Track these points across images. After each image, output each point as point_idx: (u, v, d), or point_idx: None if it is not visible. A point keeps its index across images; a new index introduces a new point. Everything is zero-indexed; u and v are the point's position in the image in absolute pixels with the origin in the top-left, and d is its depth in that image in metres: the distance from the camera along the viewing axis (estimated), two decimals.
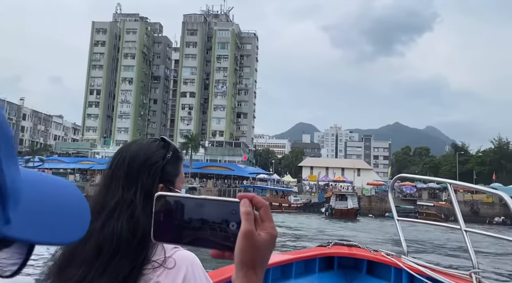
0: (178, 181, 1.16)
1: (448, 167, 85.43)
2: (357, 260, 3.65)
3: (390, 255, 3.46)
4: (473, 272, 2.79)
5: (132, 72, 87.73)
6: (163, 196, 0.64)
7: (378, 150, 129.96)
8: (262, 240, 0.61)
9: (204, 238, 0.62)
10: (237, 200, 0.62)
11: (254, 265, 0.61)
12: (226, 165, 75.29)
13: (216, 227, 0.62)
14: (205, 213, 0.62)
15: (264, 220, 0.63)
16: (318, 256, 3.57)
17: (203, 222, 0.62)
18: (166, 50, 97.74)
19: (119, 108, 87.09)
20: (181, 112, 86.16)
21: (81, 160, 75.77)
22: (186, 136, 70.01)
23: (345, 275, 3.70)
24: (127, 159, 1.10)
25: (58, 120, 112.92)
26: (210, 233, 0.62)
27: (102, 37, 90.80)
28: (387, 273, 3.44)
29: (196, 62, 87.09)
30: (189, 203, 0.63)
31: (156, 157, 1.12)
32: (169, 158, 1.13)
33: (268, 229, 0.62)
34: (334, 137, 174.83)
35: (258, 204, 0.63)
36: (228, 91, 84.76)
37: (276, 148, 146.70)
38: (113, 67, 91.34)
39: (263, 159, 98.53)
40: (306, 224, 33.55)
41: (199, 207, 0.62)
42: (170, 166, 1.13)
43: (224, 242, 0.61)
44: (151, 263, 0.96)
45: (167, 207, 0.63)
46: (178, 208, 0.63)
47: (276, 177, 68.31)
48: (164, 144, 1.17)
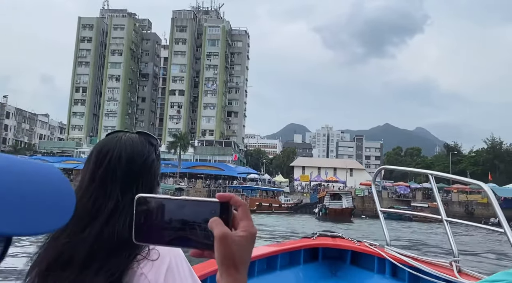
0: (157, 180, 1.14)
1: (441, 168, 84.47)
2: (341, 251, 3.68)
3: (373, 246, 3.51)
4: (453, 261, 2.83)
5: (120, 69, 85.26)
6: (144, 198, 0.65)
7: (370, 150, 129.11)
8: (239, 239, 0.62)
9: (184, 238, 0.63)
10: (216, 200, 0.63)
11: (235, 264, 0.62)
12: (216, 165, 73.45)
13: (196, 227, 0.63)
14: (185, 213, 0.63)
15: (242, 219, 0.64)
16: (303, 248, 3.58)
17: (183, 222, 0.63)
18: (155, 47, 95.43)
19: (106, 106, 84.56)
20: (170, 111, 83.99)
21: (66, 160, 73.32)
22: (174, 135, 67.97)
23: (329, 266, 3.73)
24: (124, 158, 1.05)
25: (44, 119, 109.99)
26: (190, 232, 0.63)
27: (89, 33, 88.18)
28: (371, 263, 3.48)
29: (186, 59, 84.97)
30: (170, 204, 0.64)
31: (152, 155, 1.10)
32: (156, 157, 1.11)
33: (246, 228, 0.63)
34: (326, 137, 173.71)
35: (236, 204, 0.64)
36: (218, 89, 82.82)
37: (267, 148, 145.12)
38: (100, 64, 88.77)
39: (254, 159, 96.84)
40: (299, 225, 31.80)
41: (180, 208, 0.63)
42: (155, 165, 1.11)
43: (204, 241, 0.62)
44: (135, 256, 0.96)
45: (148, 209, 0.64)
46: (158, 209, 0.64)
47: (267, 177, 66.69)
48: (150, 139, 1.13)
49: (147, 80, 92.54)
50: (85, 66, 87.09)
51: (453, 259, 2.89)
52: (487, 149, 77.63)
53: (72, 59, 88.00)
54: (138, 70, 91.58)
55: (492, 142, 77.07)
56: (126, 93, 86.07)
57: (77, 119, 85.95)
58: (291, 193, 63.15)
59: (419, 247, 19.59)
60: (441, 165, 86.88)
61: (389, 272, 3.37)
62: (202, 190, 63.24)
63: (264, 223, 30.82)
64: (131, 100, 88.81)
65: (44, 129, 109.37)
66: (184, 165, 69.07)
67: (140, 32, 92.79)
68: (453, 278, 2.75)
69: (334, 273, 3.72)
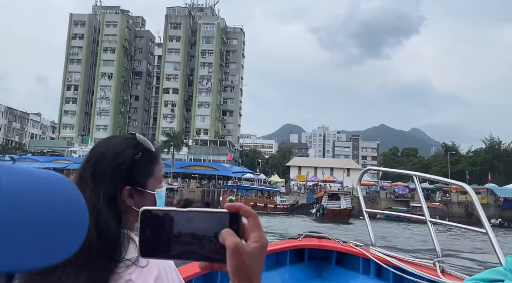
0: (151, 182, 1.10)
1: (439, 168, 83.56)
2: (327, 252, 3.68)
3: (358, 246, 3.52)
4: (437, 261, 2.86)
5: (112, 67, 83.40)
6: (148, 211, 0.62)
7: (367, 150, 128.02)
8: (251, 251, 0.60)
9: (193, 251, 0.60)
10: (225, 210, 0.61)
11: (248, 275, 0.61)
12: (211, 164, 71.93)
13: (205, 239, 0.60)
14: (193, 226, 0.61)
15: (253, 230, 0.62)
16: (289, 249, 3.57)
17: (191, 235, 0.61)
18: (149, 45, 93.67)
19: (98, 104, 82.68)
20: (164, 109, 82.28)
21: (56, 159, 71.55)
22: (168, 134, 66.31)
23: (315, 266, 3.73)
24: (93, 158, 1.06)
25: (35, 118, 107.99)
26: (198, 245, 0.60)
27: (81, 30, 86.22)
28: (356, 263, 3.48)
29: (180, 57, 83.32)
30: (176, 216, 0.61)
31: (122, 157, 1.06)
32: (138, 158, 1.08)
33: (257, 239, 0.61)
34: (322, 138, 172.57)
35: (246, 214, 0.62)
36: (213, 88, 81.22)
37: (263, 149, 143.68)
38: (92, 61, 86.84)
39: (250, 159, 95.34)
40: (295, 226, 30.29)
41: (187, 220, 0.61)
42: (140, 167, 1.07)
43: (213, 255, 0.60)
44: (124, 261, 0.94)
45: (153, 222, 0.61)
46: (164, 223, 0.61)
47: (263, 177, 65.20)
48: (135, 142, 1.10)
49: (140, 78, 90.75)
50: (76, 63, 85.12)
51: (437, 259, 2.88)
52: (485, 149, 76.56)
53: (64, 56, 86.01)
54: (131, 68, 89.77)
55: (491, 142, 76.02)
56: (119, 92, 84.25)
57: (68, 117, 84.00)
58: (287, 193, 61.75)
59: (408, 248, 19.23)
60: (439, 165, 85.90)
61: (374, 273, 3.37)
62: (196, 190, 61.69)
63: None
64: (124, 99, 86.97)
65: (36, 128, 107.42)
66: (178, 165, 67.49)
67: (133, 30, 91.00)
68: (436, 278, 2.76)
69: (320, 274, 3.73)
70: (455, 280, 2.69)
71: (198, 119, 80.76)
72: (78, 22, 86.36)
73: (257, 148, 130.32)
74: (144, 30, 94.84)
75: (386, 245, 19.16)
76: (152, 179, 1.09)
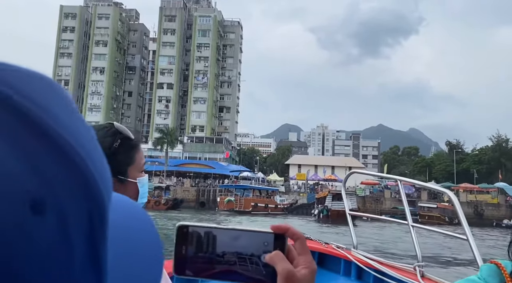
0: (132, 170, 1.09)
1: (443, 166, 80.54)
2: None
3: (340, 248, 3.56)
4: (417, 265, 2.89)
5: (104, 61, 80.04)
6: (186, 226, 0.57)
7: (367, 149, 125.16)
8: (304, 277, 0.55)
9: (232, 272, 0.55)
10: (271, 231, 0.57)
11: None
12: (206, 162, 68.86)
13: (246, 259, 0.55)
14: (234, 244, 0.55)
15: (301, 254, 0.57)
16: None
17: (231, 255, 0.55)
18: (143, 39, 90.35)
19: (89, 100, 79.33)
20: (158, 105, 79.03)
21: None
22: (161, 130, 63.14)
23: None
24: None
25: None
26: (239, 266, 0.55)
27: (71, 23, 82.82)
28: (337, 265, 3.53)
29: (175, 51, 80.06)
30: (216, 233, 0.56)
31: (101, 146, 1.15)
32: (117, 146, 1.07)
33: (308, 264, 0.56)
34: (321, 137, 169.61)
35: (293, 236, 0.57)
36: (209, 83, 77.99)
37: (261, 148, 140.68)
38: (83, 56, 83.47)
39: (248, 158, 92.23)
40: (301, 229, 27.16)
41: (227, 238, 0.56)
42: (119, 155, 1.07)
43: (255, 276, 0.55)
44: None
45: (190, 238, 0.56)
46: (202, 239, 0.56)
47: (261, 176, 62.06)
48: (114, 130, 1.10)
49: (134, 74, 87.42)
50: (67, 57, 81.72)
51: (417, 263, 2.88)
52: (492, 146, 73.52)
53: (54, 50, 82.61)
54: (124, 63, 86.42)
55: (498, 140, 72.96)
56: (111, 87, 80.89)
57: None
58: (286, 192, 58.85)
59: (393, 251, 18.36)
60: (443, 164, 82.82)
61: (354, 275, 3.39)
62: (191, 190, 58.56)
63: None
64: (117, 94, 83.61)
65: None
66: (172, 163, 64.39)
67: (126, 23, 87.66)
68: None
69: None
70: None
71: (193, 116, 77.54)
72: (69, 15, 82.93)
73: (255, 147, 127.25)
74: (138, 23, 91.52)
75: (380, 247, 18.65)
76: (132, 167, 1.08)
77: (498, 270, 0.93)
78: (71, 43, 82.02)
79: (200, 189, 58.85)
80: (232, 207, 44.48)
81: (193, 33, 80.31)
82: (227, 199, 45.96)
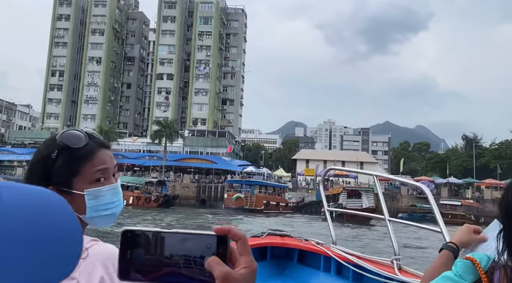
0: (77, 181, 1.04)
1: (459, 162, 75.52)
2: (289, 250, 3.76)
3: (320, 244, 3.60)
4: (394, 259, 2.93)
5: (101, 51, 75.80)
6: (130, 231, 0.57)
7: (377, 144, 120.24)
8: (241, 277, 0.56)
9: (176, 274, 0.56)
10: (213, 233, 0.57)
11: None
12: (208, 157, 64.60)
13: (190, 261, 0.56)
14: (178, 247, 0.56)
15: (242, 254, 0.58)
16: (252, 247, 3.44)
17: (175, 257, 0.56)
18: (142, 28, 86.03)
19: (85, 92, 75.17)
20: (157, 97, 74.75)
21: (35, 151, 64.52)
22: (159, 122, 58.93)
23: (277, 264, 3.79)
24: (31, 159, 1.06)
25: (24, 109, 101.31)
26: (183, 268, 0.56)
27: (66, 10, 78.60)
28: (317, 261, 3.56)
29: (175, 40, 75.70)
30: (160, 237, 0.56)
31: (36, 157, 1.05)
32: (54, 157, 1.03)
33: (247, 264, 0.57)
34: (328, 132, 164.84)
35: (235, 237, 0.58)
36: (211, 73, 73.56)
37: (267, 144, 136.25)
38: (79, 45, 79.28)
39: (252, 154, 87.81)
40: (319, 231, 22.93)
41: (172, 242, 0.56)
42: (59, 166, 1.02)
43: (199, 277, 0.56)
44: None
45: (136, 243, 0.56)
46: (147, 244, 0.56)
47: (266, 171, 57.56)
48: (53, 141, 1.05)
49: (133, 64, 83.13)
50: (62, 47, 77.52)
51: (394, 257, 2.94)
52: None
53: (48, 39, 78.53)
54: (122, 53, 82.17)
55: None
56: (109, 78, 76.67)
57: (53, 106, 76.54)
58: (293, 189, 54.54)
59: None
60: (459, 159, 77.84)
61: (334, 270, 3.42)
62: (191, 186, 54.37)
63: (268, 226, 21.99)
64: (115, 86, 79.39)
65: (24, 120, 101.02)
66: (171, 157, 60.19)
67: (125, 11, 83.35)
68: (393, 276, 2.87)
69: (282, 272, 3.74)
70: (411, 277, 2.76)
71: (194, 108, 73.21)
72: (64, 2, 78.57)
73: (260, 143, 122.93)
74: (137, 12, 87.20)
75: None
76: (79, 178, 1.03)
77: (473, 266, 0.95)
78: (66, 32, 77.77)
79: (201, 186, 54.71)
80: (242, 204, 40.48)
81: (194, 20, 75.89)
82: (236, 196, 41.82)
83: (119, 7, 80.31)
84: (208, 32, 74.74)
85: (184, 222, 28.23)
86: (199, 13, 75.34)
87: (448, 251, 1.22)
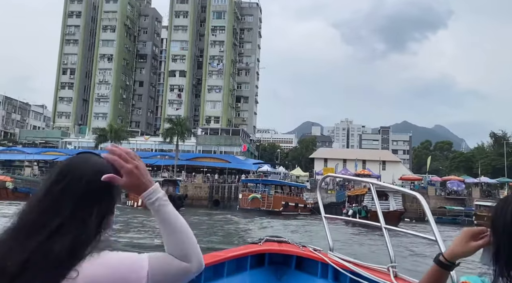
0: None
1: (487, 161, 70.99)
2: (286, 256, 3.77)
3: (317, 251, 3.61)
4: (391, 266, 2.96)
5: (112, 48, 74.01)
6: None
7: (398, 143, 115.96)
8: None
9: None
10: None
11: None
12: (222, 156, 62.05)
13: None
14: None
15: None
16: (250, 254, 3.64)
17: None
18: (155, 25, 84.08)
19: (97, 90, 73.46)
20: (170, 95, 72.52)
21: (46, 151, 63.01)
22: (170, 120, 56.59)
23: (275, 271, 3.80)
24: (84, 179, 1.03)
25: (38, 109, 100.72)
26: None
27: (77, 7, 77.20)
28: (315, 268, 3.56)
29: (187, 35, 73.40)
30: None
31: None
32: None
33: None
34: (345, 131, 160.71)
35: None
36: (225, 70, 70.95)
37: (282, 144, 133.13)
38: (91, 42, 77.78)
39: (268, 154, 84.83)
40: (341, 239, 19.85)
41: None
42: (119, 189, 1.11)
43: None
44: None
45: None
46: None
47: (283, 171, 54.57)
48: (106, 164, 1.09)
49: (145, 62, 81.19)
50: (73, 44, 76.13)
51: (390, 264, 2.95)
52: None
53: (59, 36, 77.17)
54: (134, 50, 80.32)
55: None
56: (120, 75, 74.84)
57: (64, 105, 75.12)
58: (311, 189, 51.41)
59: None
60: (487, 157, 73.33)
61: (331, 277, 3.44)
62: (203, 186, 51.75)
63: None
64: (127, 84, 77.54)
65: (38, 120, 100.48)
66: (183, 156, 57.80)
67: (137, 7, 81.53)
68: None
69: (279, 278, 3.76)
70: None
71: (208, 105, 70.70)
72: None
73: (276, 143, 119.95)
74: (149, 8, 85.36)
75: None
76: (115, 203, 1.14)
77: None
78: (77, 29, 76.38)
79: (214, 186, 52.06)
80: (258, 205, 37.55)
81: (207, 15, 73.43)
82: (252, 196, 38.95)
83: (130, 3, 78.53)
84: (222, 27, 72.18)
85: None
86: (212, 7, 72.88)
87: (436, 265, 1.15)
